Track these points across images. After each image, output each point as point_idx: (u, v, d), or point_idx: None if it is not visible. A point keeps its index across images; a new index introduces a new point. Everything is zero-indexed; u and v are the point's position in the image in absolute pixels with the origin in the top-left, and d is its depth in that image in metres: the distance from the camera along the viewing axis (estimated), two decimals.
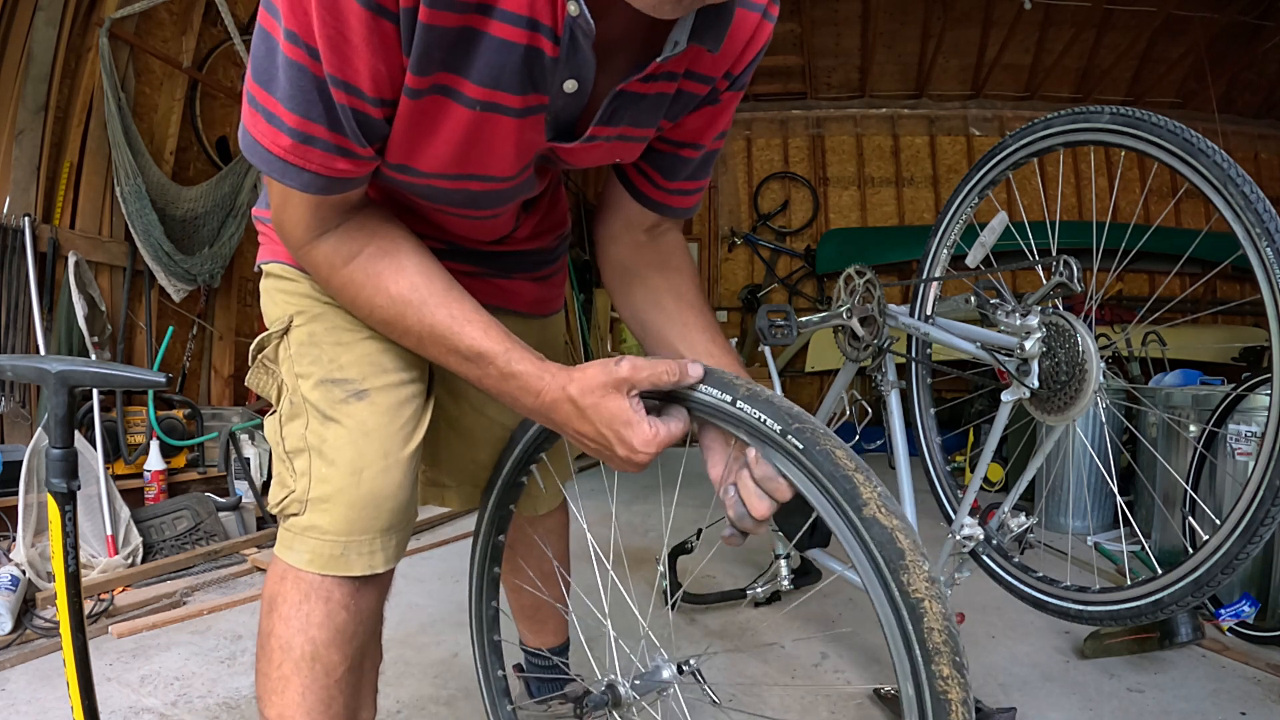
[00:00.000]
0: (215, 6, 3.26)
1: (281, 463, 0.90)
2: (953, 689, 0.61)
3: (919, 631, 0.63)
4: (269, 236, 0.96)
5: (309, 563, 0.85)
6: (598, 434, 0.73)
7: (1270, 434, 0.99)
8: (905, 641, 0.63)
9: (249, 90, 0.68)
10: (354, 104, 0.66)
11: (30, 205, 2.58)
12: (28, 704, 1.52)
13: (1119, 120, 1.13)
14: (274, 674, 0.84)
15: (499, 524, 1.15)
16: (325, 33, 0.61)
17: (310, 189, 0.71)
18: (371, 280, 0.77)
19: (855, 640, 1.97)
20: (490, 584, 1.19)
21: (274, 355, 0.92)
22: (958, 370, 1.54)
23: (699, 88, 0.81)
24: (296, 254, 0.80)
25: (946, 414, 4.60)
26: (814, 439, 0.68)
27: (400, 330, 0.79)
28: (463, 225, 0.93)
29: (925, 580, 0.64)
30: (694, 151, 0.89)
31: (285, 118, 0.66)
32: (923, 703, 0.62)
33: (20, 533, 2.05)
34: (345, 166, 0.70)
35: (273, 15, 0.63)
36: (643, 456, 0.73)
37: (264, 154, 0.69)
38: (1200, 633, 1.69)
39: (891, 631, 0.64)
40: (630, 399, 0.72)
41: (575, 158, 0.82)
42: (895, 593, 0.64)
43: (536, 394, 0.75)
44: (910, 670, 0.63)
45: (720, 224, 7.16)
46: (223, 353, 3.55)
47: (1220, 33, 5.66)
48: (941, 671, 0.62)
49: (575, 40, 0.66)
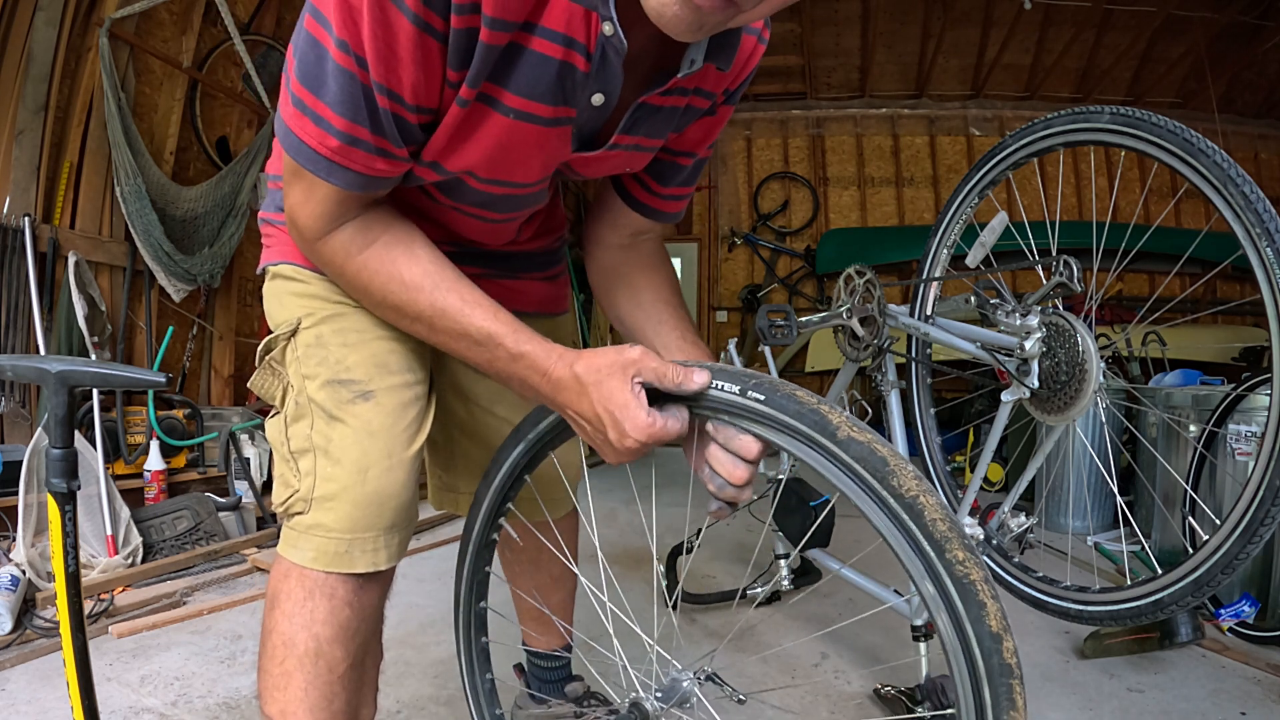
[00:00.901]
0: (215, 6, 3.26)
1: (285, 463, 0.90)
2: (972, 570, 0.62)
3: (922, 526, 0.63)
4: (275, 239, 0.97)
5: (313, 560, 0.86)
6: (593, 413, 0.74)
7: (1270, 434, 0.99)
8: (912, 541, 0.64)
9: (295, 94, 0.72)
10: (395, 109, 0.71)
11: (30, 205, 2.58)
12: (28, 704, 1.52)
13: (1119, 120, 1.13)
14: (276, 670, 0.85)
15: (493, 522, 1.14)
16: (375, 46, 0.66)
17: (352, 187, 0.75)
18: (386, 266, 0.79)
19: (855, 640, 1.97)
20: (480, 583, 1.18)
21: (281, 357, 0.92)
22: (958, 370, 1.55)
23: (703, 102, 0.87)
24: (310, 246, 0.82)
25: (946, 414, 4.59)
26: (773, 388, 0.70)
27: (411, 315, 0.80)
28: (474, 227, 0.96)
29: (914, 479, 0.65)
30: (688, 160, 0.95)
31: (334, 121, 0.70)
32: (947, 594, 0.62)
33: (20, 533, 2.04)
34: (383, 166, 0.75)
35: (322, 25, 0.67)
36: (631, 442, 0.72)
37: (311, 154, 0.73)
38: (1200, 633, 1.69)
39: (895, 538, 0.65)
40: (633, 384, 0.72)
41: (590, 168, 0.86)
42: (889, 498, 0.65)
43: (544, 373, 0.76)
44: (925, 567, 0.63)
45: (720, 224, 7.16)
46: (223, 353, 3.55)
47: (1220, 33, 5.66)
48: (957, 556, 0.62)
49: (606, 57, 0.72)
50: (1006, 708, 0.60)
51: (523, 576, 1.30)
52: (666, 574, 2.17)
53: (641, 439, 0.72)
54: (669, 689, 0.90)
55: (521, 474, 1.06)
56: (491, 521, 1.10)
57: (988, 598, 0.61)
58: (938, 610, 0.63)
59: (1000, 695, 0.60)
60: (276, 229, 0.96)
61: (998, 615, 0.61)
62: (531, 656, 1.36)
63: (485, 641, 1.18)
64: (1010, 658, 0.61)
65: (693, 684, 0.90)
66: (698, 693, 0.90)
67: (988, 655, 0.60)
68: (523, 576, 1.30)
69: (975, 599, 0.61)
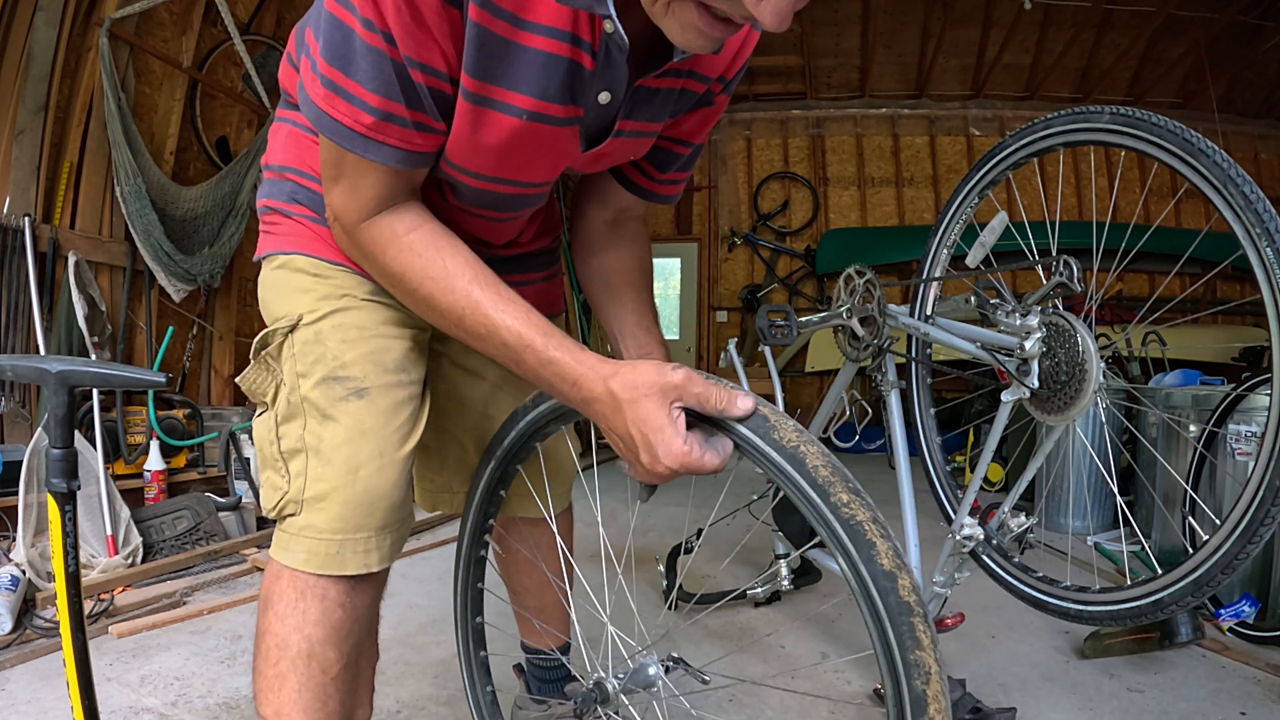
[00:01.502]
0: (215, 6, 3.26)
1: (273, 464, 0.89)
2: (858, 511, 0.64)
3: (805, 473, 0.66)
4: (282, 227, 0.94)
5: (304, 562, 0.86)
6: (626, 433, 0.72)
7: (1270, 434, 0.99)
8: (797, 489, 0.66)
9: (323, 74, 0.72)
10: (430, 83, 0.71)
11: (30, 205, 2.58)
12: (28, 704, 1.52)
13: (1119, 120, 1.13)
14: (270, 672, 0.85)
15: (488, 511, 1.14)
16: (399, 19, 0.66)
17: (391, 161, 0.75)
18: (430, 250, 0.79)
19: (855, 640, 1.97)
20: (476, 568, 1.18)
21: (277, 353, 0.91)
22: (958, 370, 1.54)
23: (697, 86, 0.87)
24: (352, 232, 0.81)
25: (946, 414, 4.60)
26: None
27: (445, 304, 0.79)
28: (479, 226, 0.95)
29: (794, 431, 0.68)
30: (685, 148, 0.96)
31: (367, 98, 0.71)
32: (837, 536, 0.64)
33: (20, 533, 2.04)
34: (422, 141, 0.76)
35: (344, 6, 0.68)
36: (663, 469, 0.70)
37: (346, 131, 0.73)
38: (1200, 633, 1.69)
39: (788, 487, 0.67)
40: (671, 408, 0.70)
41: (596, 163, 0.86)
42: (771, 450, 0.68)
43: (574, 383, 0.75)
44: (816, 515, 0.65)
45: (720, 224, 7.16)
46: (223, 353, 3.55)
47: (1220, 33, 5.66)
48: (841, 499, 0.64)
49: (610, 54, 0.73)
50: (911, 646, 0.60)
51: (518, 575, 1.30)
52: (667, 574, 2.17)
53: (674, 466, 0.69)
54: (634, 673, 0.91)
55: (512, 462, 1.06)
56: (485, 512, 1.11)
57: (877, 537, 0.62)
58: (835, 553, 0.64)
59: (903, 633, 0.60)
60: (283, 218, 0.94)
61: (889, 554, 0.62)
62: (530, 656, 1.36)
63: (479, 621, 1.19)
64: (908, 595, 0.61)
65: (659, 671, 0.91)
66: (661, 680, 0.91)
67: (884, 593, 0.61)
68: (518, 575, 1.30)
69: (864, 539, 0.62)
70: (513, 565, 1.29)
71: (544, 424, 0.99)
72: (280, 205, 0.94)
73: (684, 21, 0.65)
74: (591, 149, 0.83)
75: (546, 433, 1.02)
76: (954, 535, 1.45)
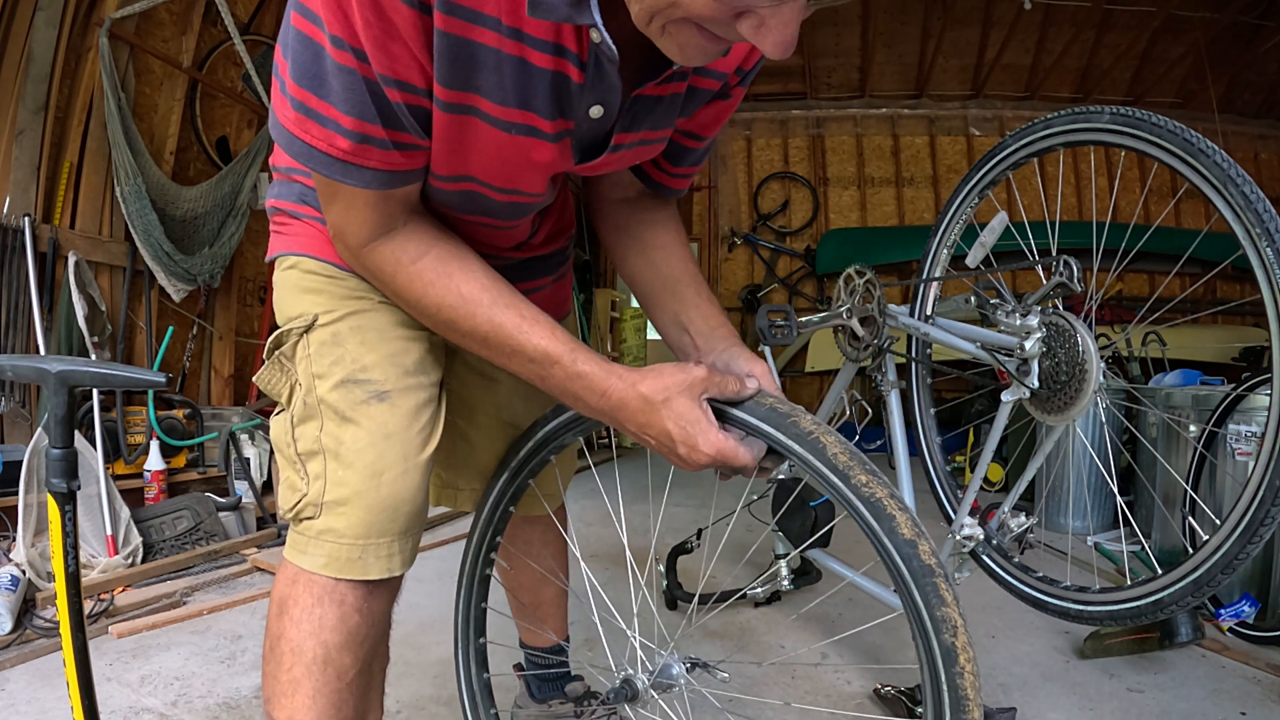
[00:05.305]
0: (215, 6, 3.26)
1: (292, 465, 0.88)
2: (877, 489, 0.70)
3: (825, 459, 0.72)
4: (291, 228, 0.94)
5: (325, 566, 0.84)
6: (663, 429, 0.76)
7: (1270, 434, 0.99)
8: (819, 475, 0.72)
9: (293, 96, 0.68)
10: (408, 99, 0.68)
11: (30, 205, 2.58)
12: (28, 704, 1.52)
13: (1119, 120, 1.13)
14: (284, 677, 0.84)
15: (498, 525, 1.15)
16: (370, 34, 0.62)
17: (373, 185, 0.72)
18: (443, 279, 0.78)
19: (855, 640, 1.97)
20: (481, 582, 1.19)
21: (291, 353, 0.90)
22: (958, 370, 1.54)
23: (711, 83, 0.83)
24: (356, 256, 0.80)
25: (946, 414, 4.59)
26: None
27: (466, 329, 0.79)
28: (483, 232, 0.94)
29: (811, 422, 0.75)
30: (698, 142, 0.93)
31: (341, 120, 0.67)
32: (860, 513, 0.70)
33: (20, 533, 2.04)
34: (404, 160, 0.72)
35: (311, 21, 0.63)
36: (702, 457, 0.76)
37: (323, 157, 0.70)
38: (1200, 633, 1.69)
39: (811, 474, 0.73)
40: (701, 402, 0.76)
41: (599, 169, 0.84)
42: (790, 440, 0.74)
43: (603, 394, 0.77)
44: (840, 496, 0.71)
45: (720, 224, 7.16)
46: (223, 353, 3.55)
47: (1220, 33, 5.66)
48: (861, 480, 0.70)
49: (601, 66, 0.69)
50: (937, 604, 0.66)
51: (514, 572, 1.29)
52: (667, 574, 2.17)
53: (712, 453, 0.75)
54: (661, 672, 0.95)
55: (526, 475, 1.08)
56: (494, 528, 1.12)
57: (896, 510, 0.68)
58: (861, 528, 0.70)
59: (929, 593, 0.66)
60: (291, 219, 0.93)
61: (908, 524, 0.68)
62: (530, 654, 1.36)
63: (482, 642, 1.19)
64: (929, 559, 0.67)
65: (682, 671, 0.95)
66: (684, 680, 0.95)
67: (907, 559, 0.67)
68: (514, 572, 1.29)
69: (885, 513, 0.68)
70: (510, 562, 1.29)
71: (560, 434, 1.02)
72: (289, 206, 0.94)
73: (683, 41, 0.62)
74: (586, 162, 0.80)
75: (563, 443, 1.05)
76: (954, 535, 1.45)
